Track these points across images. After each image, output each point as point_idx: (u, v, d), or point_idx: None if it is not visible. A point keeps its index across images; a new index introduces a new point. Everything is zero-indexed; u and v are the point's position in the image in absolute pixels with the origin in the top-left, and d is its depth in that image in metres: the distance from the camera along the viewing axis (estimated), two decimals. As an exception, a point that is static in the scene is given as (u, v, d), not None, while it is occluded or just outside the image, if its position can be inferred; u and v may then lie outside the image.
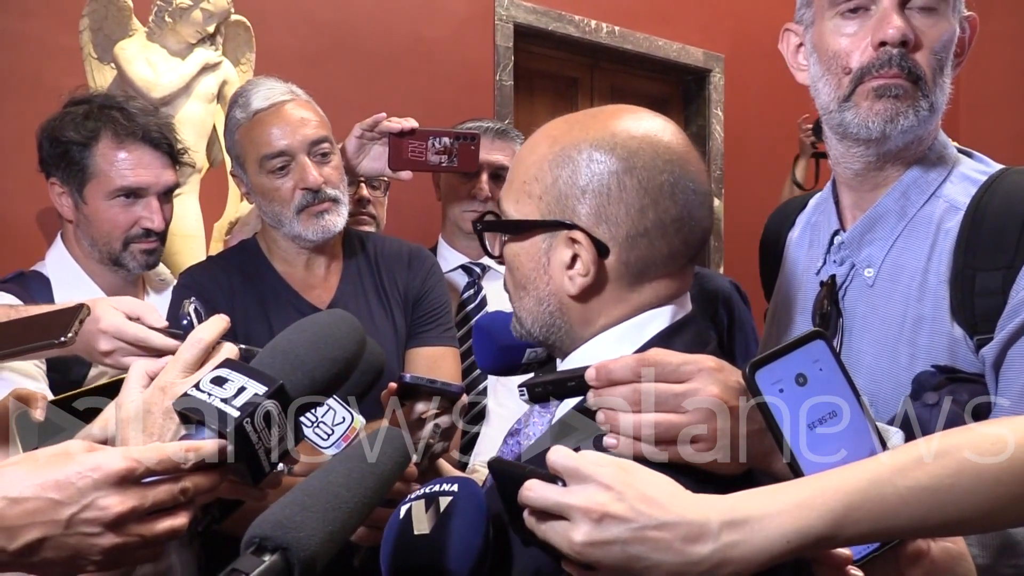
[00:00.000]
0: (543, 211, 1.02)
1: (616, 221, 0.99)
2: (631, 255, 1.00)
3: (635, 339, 1.02)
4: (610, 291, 1.02)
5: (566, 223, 1.00)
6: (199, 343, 0.93)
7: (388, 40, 3.39)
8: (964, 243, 1.21)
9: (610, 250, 1.00)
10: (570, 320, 1.04)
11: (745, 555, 0.77)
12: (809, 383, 0.89)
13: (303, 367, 0.93)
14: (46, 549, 0.77)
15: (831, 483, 0.81)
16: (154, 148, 1.88)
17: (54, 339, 1.18)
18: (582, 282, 1.00)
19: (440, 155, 1.99)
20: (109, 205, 1.86)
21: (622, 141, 1.01)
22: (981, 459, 0.82)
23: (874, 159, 1.30)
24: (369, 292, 1.93)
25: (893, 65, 1.23)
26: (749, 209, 4.27)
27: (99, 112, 1.87)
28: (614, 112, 1.06)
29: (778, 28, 1.41)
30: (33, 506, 0.76)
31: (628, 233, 0.99)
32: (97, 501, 0.77)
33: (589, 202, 1.00)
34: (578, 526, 0.78)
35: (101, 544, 0.78)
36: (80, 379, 1.80)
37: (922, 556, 0.91)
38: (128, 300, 1.35)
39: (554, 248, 1.02)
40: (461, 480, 0.95)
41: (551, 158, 1.02)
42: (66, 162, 1.86)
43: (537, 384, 0.98)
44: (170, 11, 2.51)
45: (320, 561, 0.78)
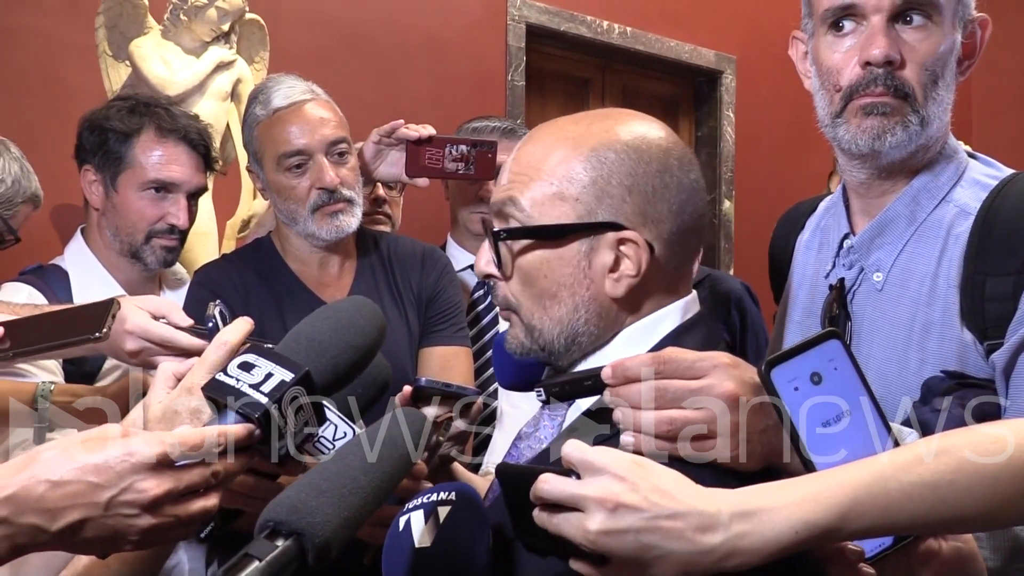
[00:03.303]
0: (581, 214, 0.99)
1: (660, 219, 1.00)
2: (671, 252, 1.01)
3: (647, 339, 1.02)
4: (653, 289, 1.02)
5: (614, 224, 0.99)
6: (225, 345, 0.94)
7: (401, 39, 3.40)
8: (975, 248, 1.21)
9: (656, 248, 1.00)
10: (602, 326, 1.02)
11: (754, 545, 0.79)
12: (824, 382, 0.90)
13: (327, 353, 0.94)
14: (86, 530, 0.80)
15: (838, 478, 0.83)
16: (191, 149, 1.94)
17: (89, 335, 1.20)
18: (630, 283, 1.00)
19: (457, 162, 2.00)
20: (139, 196, 1.91)
21: (653, 141, 1.02)
22: (981, 459, 0.84)
23: (874, 171, 1.31)
24: (383, 291, 1.94)
25: (879, 84, 1.25)
26: (759, 211, 4.27)
27: (144, 108, 1.93)
28: (621, 115, 1.06)
29: (790, 30, 1.42)
30: (74, 489, 0.79)
31: (671, 231, 1.01)
32: (135, 484, 0.80)
33: (635, 200, 0.99)
34: (593, 516, 0.80)
35: (138, 525, 0.81)
36: (95, 371, 1.83)
37: (933, 555, 0.92)
38: (153, 299, 1.36)
39: (596, 251, 1.00)
40: (458, 488, 0.94)
41: (583, 159, 1.00)
42: (104, 151, 1.91)
43: (554, 384, 0.98)
44: (185, 9, 2.53)
45: (334, 547, 0.78)
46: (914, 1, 1.24)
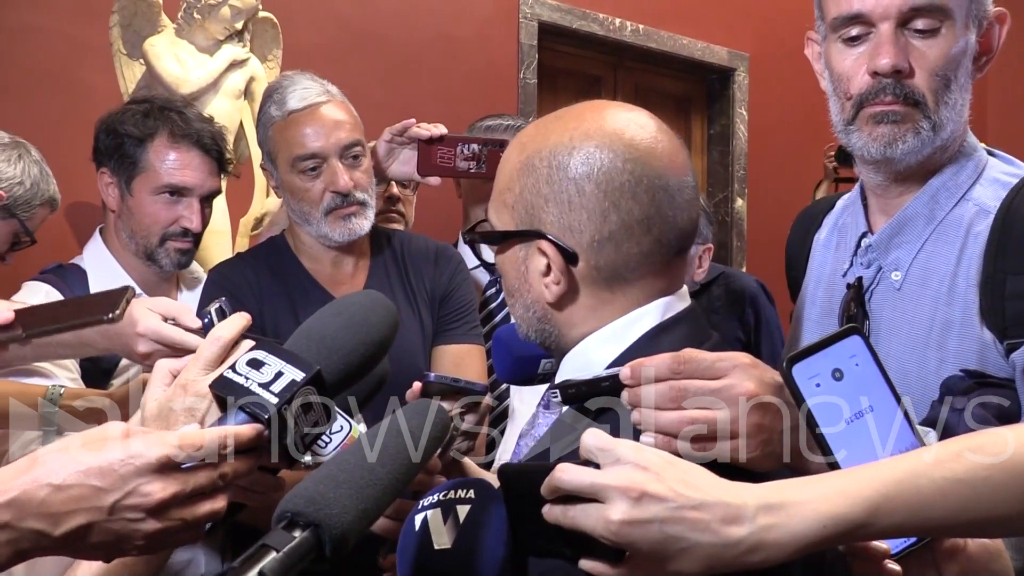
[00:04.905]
0: (516, 221, 1.02)
1: (579, 228, 0.98)
2: (599, 260, 0.99)
3: (622, 340, 1.00)
4: (586, 296, 1.01)
5: (535, 232, 1.00)
6: (218, 341, 0.93)
7: (413, 38, 3.40)
8: (995, 246, 1.21)
9: (579, 257, 0.99)
10: (556, 325, 1.04)
11: (781, 539, 0.77)
12: (845, 378, 0.89)
13: (339, 351, 0.92)
14: (90, 535, 0.78)
15: (868, 473, 0.81)
16: (204, 153, 1.94)
17: (103, 315, 1.21)
18: (557, 290, 1.00)
19: (469, 161, 2.00)
20: (154, 200, 1.92)
21: (580, 145, 0.99)
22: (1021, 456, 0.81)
23: (890, 175, 1.31)
24: (396, 289, 1.94)
25: (888, 93, 1.24)
26: (772, 209, 4.26)
27: (159, 112, 1.94)
28: (579, 112, 1.04)
29: (803, 27, 1.41)
30: (77, 493, 0.77)
31: (592, 239, 0.98)
32: (140, 488, 0.78)
33: (552, 210, 0.99)
34: (616, 505, 0.77)
35: (144, 529, 0.79)
36: (111, 368, 1.84)
37: (958, 552, 0.91)
38: (164, 301, 1.37)
39: (529, 257, 1.02)
40: (477, 485, 0.91)
41: (519, 167, 1.02)
42: (119, 154, 1.92)
43: (570, 386, 0.97)
44: (199, 8, 2.54)
45: (351, 539, 0.76)
46: (922, 7, 1.23)
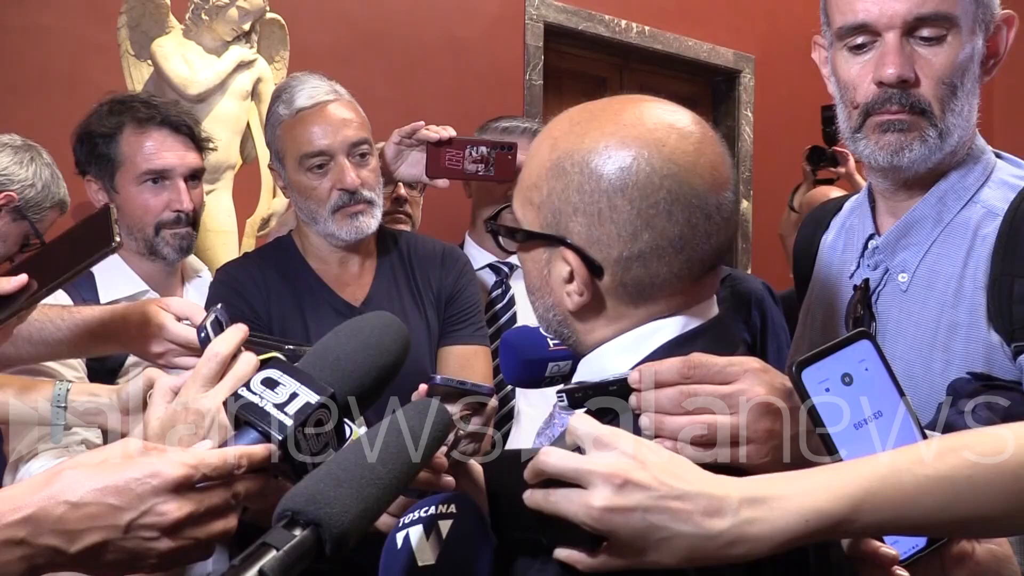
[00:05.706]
0: (542, 222, 0.96)
1: (607, 243, 0.92)
2: (626, 277, 0.93)
3: (639, 351, 0.96)
4: (609, 308, 0.96)
5: (561, 239, 0.94)
6: (215, 357, 0.93)
7: (420, 39, 3.40)
8: (1003, 249, 1.21)
9: (604, 271, 0.93)
10: (575, 331, 0.99)
11: (763, 532, 0.77)
12: (855, 383, 0.89)
13: (353, 375, 0.92)
14: (105, 552, 0.79)
15: (853, 470, 0.81)
16: (175, 131, 1.95)
17: (107, 248, 1.19)
18: (579, 300, 0.95)
19: (477, 164, 2.00)
20: (139, 191, 1.93)
21: (615, 153, 0.92)
22: (1001, 457, 0.81)
23: (899, 182, 1.31)
24: (403, 290, 1.95)
25: (894, 102, 1.24)
26: (777, 211, 4.24)
27: (121, 105, 1.95)
28: (617, 113, 0.96)
29: (809, 29, 1.41)
30: (94, 511, 0.78)
31: (621, 255, 0.92)
32: (156, 507, 0.79)
33: (581, 220, 0.93)
34: (598, 491, 0.77)
35: (158, 548, 0.79)
36: (117, 367, 1.84)
37: (967, 557, 0.91)
38: (176, 301, 1.38)
39: (553, 261, 0.96)
40: (458, 499, 0.91)
41: (548, 167, 0.96)
42: (96, 156, 1.94)
43: (577, 389, 0.95)
44: (206, 9, 2.55)
45: (352, 538, 0.77)
46: (927, 16, 1.23)
